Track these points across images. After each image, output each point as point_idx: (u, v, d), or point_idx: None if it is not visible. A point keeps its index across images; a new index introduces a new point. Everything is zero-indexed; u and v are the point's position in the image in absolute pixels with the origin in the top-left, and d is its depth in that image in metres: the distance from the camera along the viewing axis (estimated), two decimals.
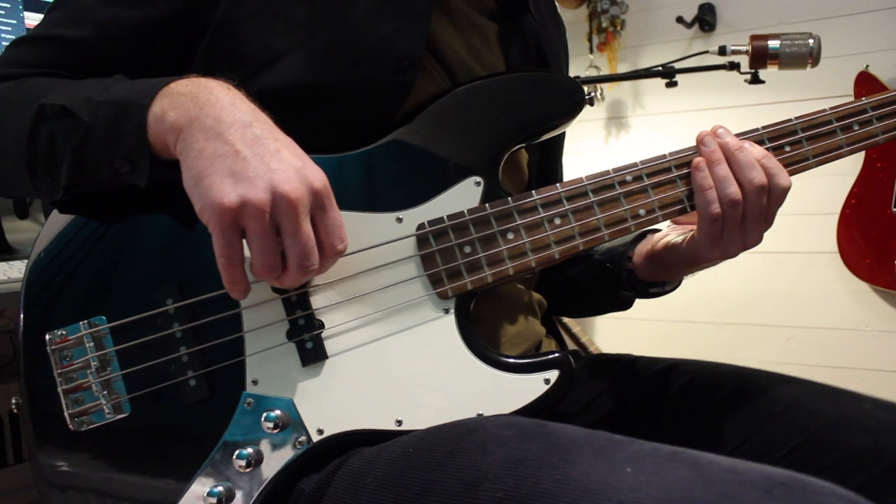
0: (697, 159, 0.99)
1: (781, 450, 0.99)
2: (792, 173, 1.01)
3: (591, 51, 3.42)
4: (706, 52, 2.34)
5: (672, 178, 0.99)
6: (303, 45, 0.97)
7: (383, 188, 0.96)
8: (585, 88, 3.18)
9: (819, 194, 2.96)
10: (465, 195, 0.96)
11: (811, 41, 2.08)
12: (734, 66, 2.28)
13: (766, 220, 1.00)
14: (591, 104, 0.99)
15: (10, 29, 1.83)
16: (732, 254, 1.01)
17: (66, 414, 0.91)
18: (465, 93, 0.99)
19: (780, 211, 1.01)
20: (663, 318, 3.38)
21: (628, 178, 0.99)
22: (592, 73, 3.39)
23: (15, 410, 0.95)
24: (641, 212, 0.98)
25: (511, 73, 1.09)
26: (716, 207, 0.97)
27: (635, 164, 0.99)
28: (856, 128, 1.03)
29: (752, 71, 2.22)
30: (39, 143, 0.93)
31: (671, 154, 1.00)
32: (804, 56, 2.09)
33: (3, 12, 1.82)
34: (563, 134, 1.26)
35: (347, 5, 0.98)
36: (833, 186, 2.92)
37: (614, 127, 3.48)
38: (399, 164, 0.97)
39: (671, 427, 1.09)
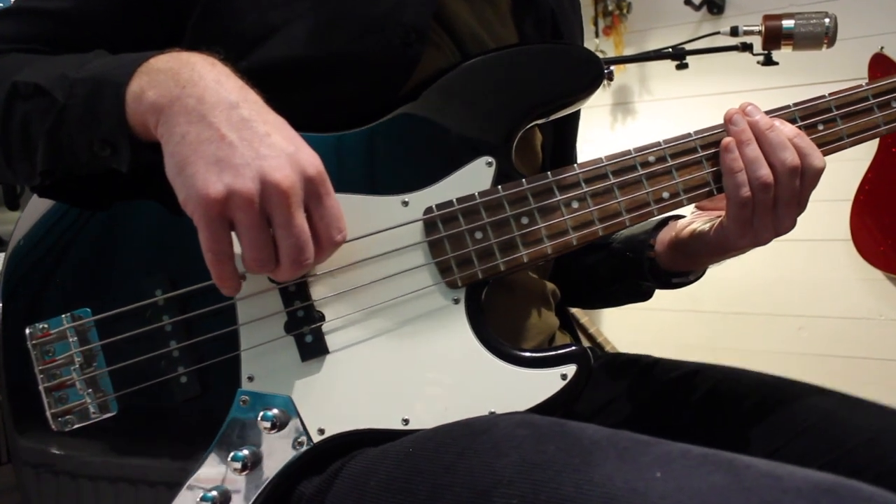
0: (726, 139, 0.93)
1: (815, 463, 0.93)
2: (826, 153, 0.96)
3: (597, 35, 3.40)
4: (717, 33, 2.28)
5: (698, 159, 0.94)
6: (302, 17, 0.92)
7: (387, 169, 0.91)
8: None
9: (831, 180, 2.87)
10: (475, 177, 0.91)
11: (827, 20, 2.02)
12: (747, 48, 2.22)
13: (800, 204, 0.94)
14: (611, 79, 0.93)
15: None
16: (763, 241, 0.95)
17: (48, 414, 0.87)
18: (475, 66, 0.94)
19: None
20: (672, 308, 3.34)
21: (651, 158, 0.93)
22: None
23: None
24: (665, 195, 0.93)
25: (528, 43, 1.04)
26: (746, 191, 0.91)
27: (658, 144, 0.93)
28: (894, 104, 0.97)
29: (766, 52, 2.16)
30: (13, 125, 0.87)
31: (696, 133, 0.94)
32: (820, 36, 2.03)
33: None
34: (578, 114, 1.21)
35: None
36: (846, 172, 2.88)
37: (620, 113, 3.46)
38: (404, 144, 0.92)
39: (694, 435, 1.03)
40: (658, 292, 3.28)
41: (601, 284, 1.20)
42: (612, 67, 3.05)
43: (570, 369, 0.87)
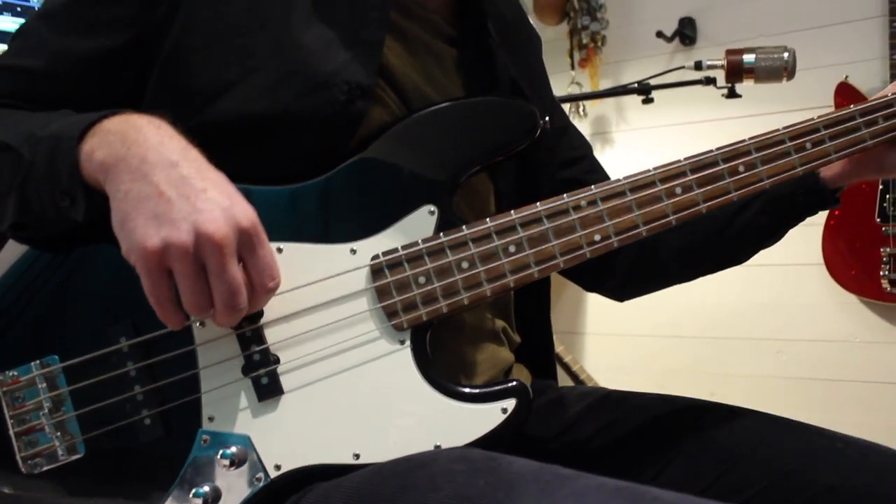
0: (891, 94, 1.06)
1: (753, 488, 0.99)
2: (742, 196, 1.02)
3: (573, 67, 3.44)
4: (682, 67, 2.34)
5: (628, 204, 0.98)
6: (253, 75, 0.97)
7: (336, 219, 0.96)
8: (567, 106, 3.16)
9: None
10: (419, 224, 0.96)
11: (786, 55, 2.08)
12: (710, 81, 2.29)
13: None
14: (548, 128, 0.97)
15: None
16: None
17: (18, 457, 0.90)
18: (417, 120, 0.99)
19: None
20: (652, 334, 3.38)
21: (583, 203, 0.98)
22: (575, 89, 3.41)
23: None
24: (597, 237, 0.97)
25: (465, 98, 1.10)
26: None
27: (590, 188, 0.98)
28: (808, 146, 1.04)
29: (729, 85, 2.23)
30: None
31: (625, 178, 0.99)
32: (779, 70, 2.09)
33: None
34: (548, 150, 1.23)
35: (299, 35, 0.98)
36: None
37: (599, 142, 3.49)
38: (352, 194, 0.96)
39: (644, 465, 1.09)
40: (639, 319, 3.33)
41: (762, 235, 1.24)
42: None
43: (511, 403, 0.92)
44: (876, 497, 0.94)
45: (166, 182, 0.81)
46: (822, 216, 2.88)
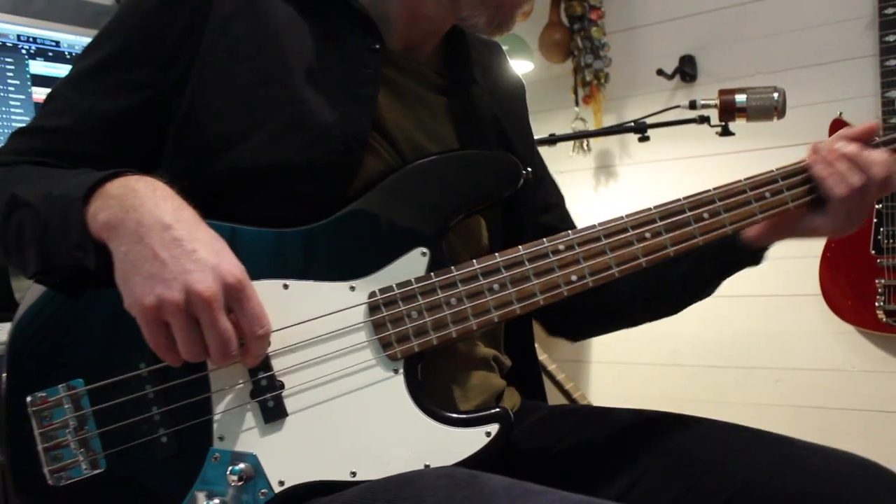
0: (811, 158, 1.14)
1: (720, 496, 1.05)
2: (707, 240, 1.11)
3: (577, 103, 3.50)
4: (679, 106, 2.43)
5: (602, 248, 1.06)
6: (259, 128, 1.05)
7: (337, 259, 1.04)
8: (572, 144, 3.24)
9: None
10: (412, 265, 1.04)
11: (776, 94, 2.15)
12: (704, 120, 2.36)
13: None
14: (529, 178, 1.06)
15: (18, 104, 1.95)
16: (853, 229, 1.17)
17: (45, 470, 0.97)
18: (409, 171, 1.08)
19: (766, 255, 1.13)
20: (652, 362, 3.43)
21: (561, 246, 1.06)
22: (579, 124, 3.47)
23: None
24: (574, 278, 1.06)
25: (452, 150, 1.17)
26: (843, 188, 1.11)
27: (567, 234, 1.07)
28: (767, 195, 1.13)
29: (723, 124, 2.30)
30: (10, 229, 1.03)
31: (601, 224, 1.07)
32: (770, 109, 2.16)
33: (13, 88, 1.95)
34: (531, 195, 1.32)
35: (300, 91, 1.07)
36: None
37: (603, 175, 3.55)
38: (351, 237, 1.05)
39: (619, 477, 1.15)
40: (639, 348, 3.39)
41: (693, 288, 1.31)
42: (528, 170, 3.18)
43: (494, 428, 1.00)
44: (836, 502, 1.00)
45: (160, 244, 0.90)
46: (819, 248, 2.94)
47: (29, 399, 0.99)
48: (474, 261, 1.05)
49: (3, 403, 1.01)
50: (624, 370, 3.54)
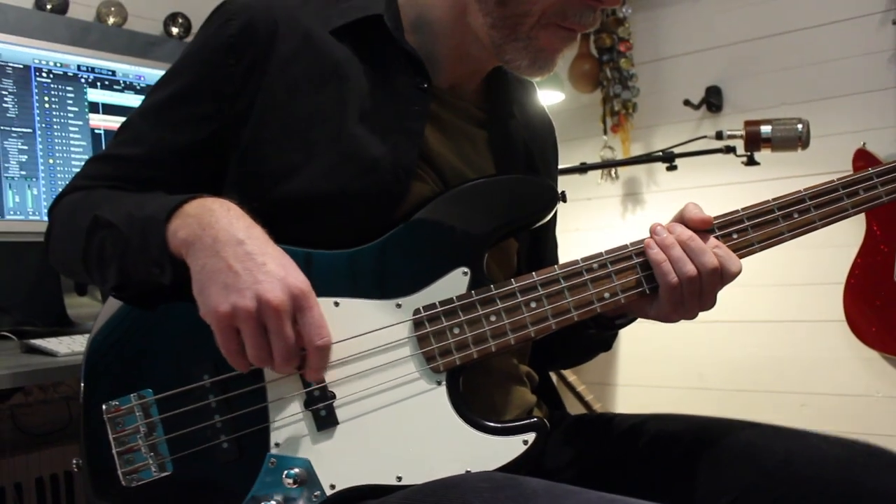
0: (648, 240, 1.13)
1: (738, 488, 1.11)
2: (741, 257, 1.14)
3: (606, 132, 3.57)
4: (706, 136, 2.50)
5: (633, 265, 1.13)
6: (315, 160, 1.13)
7: (385, 279, 1.11)
8: (600, 172, 3.32)
9: (824, 265, 3.07)
10: (454, 283, 1.11)
11: (800, 126, 2.22)
12: (730, 150, 2.41)
13: (717, 291, 1.13)
14: (564, 201, 1.13)
15: (77, 129, 2.06)
16: (691, 317, 1.14)
17: (119, 472, 1.05)
18: (451, 196, 1.15)
19: (790, 281, 1.17)
20: (679, 385, 3.48)
21: (595, 265, 1.13)
22: (607, 153, 3.54)
23: (76, 469, 1.11)
24: (606, 295, 1.12)
25: (493, 176, 1.25)
26: (673, 278, 1.10)
27: (600, 254, 1.14)
28: (795, 216, 1.16)
29: (748, 154, 2.37)
30: (92, 247, 1.12)
31: (632, 244, 1.14)
32: (794, 140, 2.23)
33: (72, 115, 2.06)
34: (553, 223, 1.40)
35: (353, 126, 1.14)
36: (837, 258, 3.03)
37: (630, 202, 3.62)
38: (398, 258, 1.12)
39: (645, 478, 1.21)
40: (666, 370, 3.44)
41: (569, 346, 1.38)
42: (564, 191, 3.26)
43: (531, 436, 1.07)
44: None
45: (234, 257, 0.99)
46: (843, 276, 2.98)
47: (104, 407, 1.07)
48: (512, 280, 1.12)
49: (81, 411, 1.08)
50: (650, 393, 3.58)
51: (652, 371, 3.55)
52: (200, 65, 1.18)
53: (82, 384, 1.09)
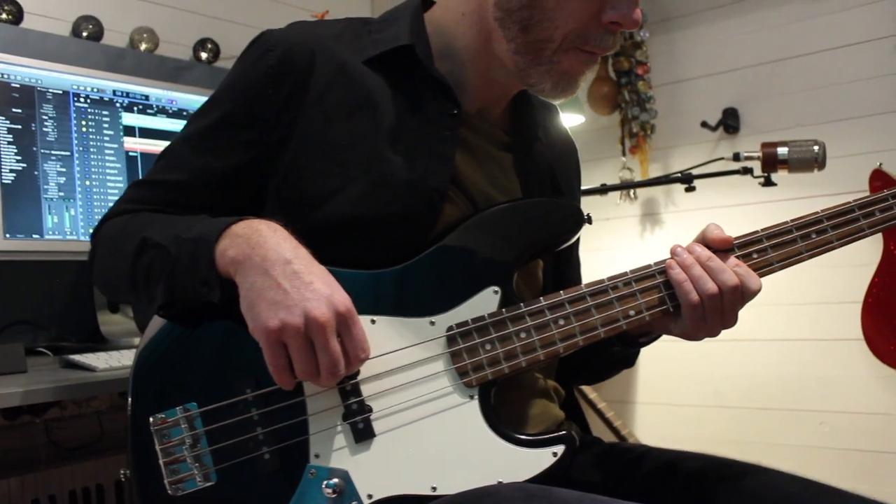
0: (669, 261, 1.18)
1: None
2: (761, 276, 1.18)
3: (624, 153, 3.60)
4: (723, 158, 2.54)
5: (657, 284, 1.18)
6: (351, 184, 1.17)
7: (418, 297, 1.15)
8: (619, 193, 3.36)
9: (842, 284, 3.10)
10: (485, 302, 1.15)
11: (816, 147, 2.26)
12: (748, 171, 2.45)
13: (738, 309, 1.17)
14: (590, 223, 1.18)
15: (112, 152, 2.13)
16: (714, 334, 1.18)
17: (165, 482, 1.09)
18: (482, 218, 1.19)
19: (807, 300, 1.18)
20: (699, 404, 3.50)
21: (620, 284, 1.18)
22: (626, 174, 3.57)
23: (123, 479, 1.14)
24: (631, 312, 1.17)
25: (521, 199, 1.29)
26: (694, 296, 1.14)
27: (625, 273, 1.18)
28: (813, 236, 1.20)
29: (765, 175, 2.41)
30: (140, 267, 1.17)
31: (655, 263, 1.19)
32: (811, 161, 2.27)
33: (107, 138, 2.12)
34: (576, 242, 1.43)
35: (387, 151, 1.19)
36: (855, 276, 3.05)
37: (648, 223, 3.66)
38: (431, 277, 1.16)
39: None
40: (686, 389, 3.48)
41: (593, 363, 1.41)
42: (589, 213, 3.30)
43: (560, 449, 1.11)
44: None
45: (282, 276, 1.03)
46: (860, 294, 3.00)
47: (151, 419, 1.10)
48: (541, 298, 1.16)
49: (129, 423, 1.12)
50: (669, 411, 3.60)
51: (671, 389, 3.56)
52: (241, 93, 1.23)
53: (130, 398, 1.13)
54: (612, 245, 3.73)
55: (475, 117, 1.30)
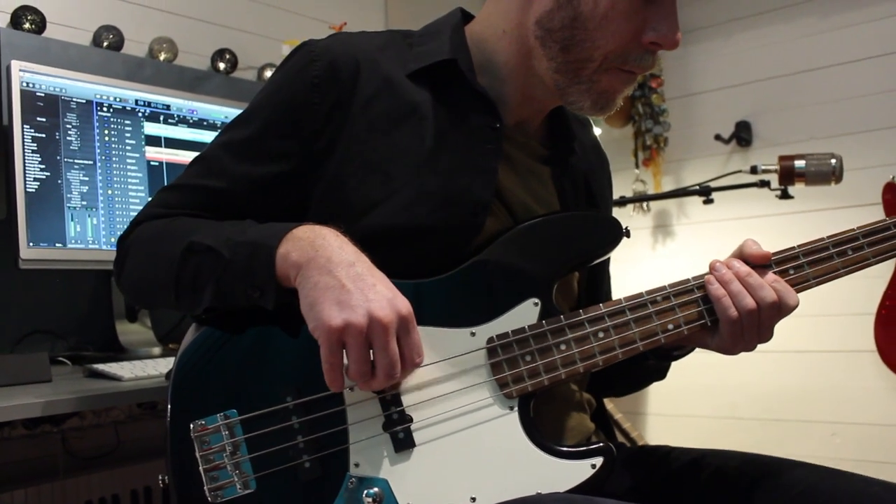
0: (708, 276, 1.19)
1: None
2: (798, 291, 1.19)
3: (637, 166, 3.62)
4: (740, 171, 2.55)
5: (695, 299, 1.19)
6: (396, 195, 1.18)
7: (459, 308, 1.16)
8: (632, 206, 3.36)
9: (855, 296, 3.10)
10: (525, 314, 1.16)
11: (833, 161, 2.28)
12: (765, 184, 2.47)
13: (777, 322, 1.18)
14: (628, 236, 1.20)
15: (134, 161, 2.13)
16: (751, 349, 1.19)
17: (205, 488, 1.08)
18: (524, 230, 1.20)
19: (821, 312, 1.19)
20: (711, 415, 3.51)
21: (658, 298, 1.19)
22: (639, 186, 3.60)
23: (161, 485, 1.14)
24: (670, 326, 1.18)
25: (562, 211, 1.31)
26: (733, 312, 1.15)
27: (664, 287, 1.19)
28: (850, 252, 1.22)
29: (782, 187, 2.42)
30: (187, 271, 1.16)
31: (693, 278, 1.20)
32: (828, 174, 2.29)
33: (129, 147, 2.13)
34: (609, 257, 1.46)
35: (432, 163, 1.20)
36: (868, 289, 3.06)
37: (661, 235, 3.67)
38: (472, 289, 1.17)
39: None
40: (699, 400, 3.48)
41: (627, 375, 1.42)
42: (627, 227, 3.32)
43: (599, 460, 1.11)
44: None
45: (346, 277, 1.04)
46: (873, 307, 3.01)
47: (192, 426, 1.10)
48: (581, 311, 1.17)
49: (168, 429, 1.12)
50: (682, 422, 3.62)
51: (683, 401, 3.58)
52: (285, 102, 1.23)
53: (169, 405, 1.13)
54: (624, 257, 3.70)
55: (514, 130, 1.31)
